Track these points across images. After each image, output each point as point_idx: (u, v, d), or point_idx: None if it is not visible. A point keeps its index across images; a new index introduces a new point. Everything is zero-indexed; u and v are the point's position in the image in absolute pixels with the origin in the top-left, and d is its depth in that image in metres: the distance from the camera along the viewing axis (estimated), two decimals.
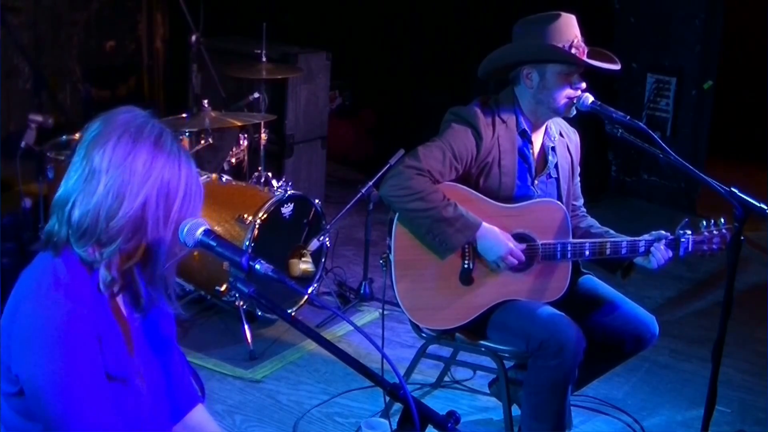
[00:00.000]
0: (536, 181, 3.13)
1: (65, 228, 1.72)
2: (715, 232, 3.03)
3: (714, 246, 3.03)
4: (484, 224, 2.96)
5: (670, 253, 3.01)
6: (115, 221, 1.70)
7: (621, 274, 3.16)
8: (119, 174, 1.70)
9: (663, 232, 3.04)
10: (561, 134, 3.20)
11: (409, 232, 3.02)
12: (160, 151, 1.74)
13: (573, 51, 2.95)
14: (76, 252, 1.74)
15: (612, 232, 3.16)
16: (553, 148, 3.16)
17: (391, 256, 3.05)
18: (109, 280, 1.78)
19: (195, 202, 1.80)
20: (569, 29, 2.98)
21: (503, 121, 3.05)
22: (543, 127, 3.14)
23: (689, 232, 3.03)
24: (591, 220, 3.28)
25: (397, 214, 3.03)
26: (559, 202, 3.11)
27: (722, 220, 3.03)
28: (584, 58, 2.97)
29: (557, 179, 3.16)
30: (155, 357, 1.90)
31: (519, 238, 3.03)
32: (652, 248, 3.00)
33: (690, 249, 3.02)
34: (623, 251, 3.03)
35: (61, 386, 1.66)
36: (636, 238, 3.04)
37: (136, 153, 1.72)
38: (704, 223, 3.05)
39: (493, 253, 2.98)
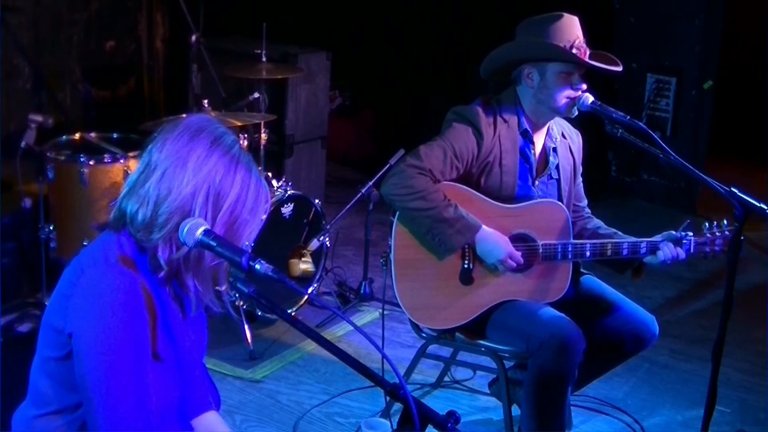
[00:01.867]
0: (537, 182, 3.13)
1: (122, 214, 1.79)
2: (717, 233, 3.02)
3: (716, 248, 3.02)
4: (484, 227, 2.96)
5: (681, 255, 3.00)
6: (164, 208, 1.75)
7: (631, 274, 3.15)
8: (171, 164, 1.77)
9: (673, 232, 3.03)
10: (563, 135, 3.20)
11: (409, 231, 3.02)
12: (216, 150, 1.79)
13: (574, 51, 2.95)
14: (133, 235, 1.79)
15: (620, 234, 3.15)
16: (554, 149, 3.16)
17: (392, 256, 3.05)
18: (159, 264, 1.80)
19: (252, 210, 1.82)
20: (571, 30, 2.98)
21: (505, 121, 3.05)
22: (545, 128, 3.14)
23: (691, 233, 3.03)
24: (598, 222, 3.27)
25: (397, 213, 3.03)
26: (560, 203, 3.10)
27: (725, 221, 3.03)
28: (585, 58, 2.97)
29: (558, 180, 3.15)
30: (175, 363, 1.91)
31: (520, 238, 3.03)
32: (661, 245, 2.99)
33: (692, 250, 3.02)
34: (624, 252, 3.03)
35: (103, 356, 1.70)
36: (640, 240, 3.04)
37: (192, 147, 1.78)
38: (707, 224, 3.04)
39: (492, 257, 2.98)
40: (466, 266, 3.03)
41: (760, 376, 4.03)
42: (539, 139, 3.14)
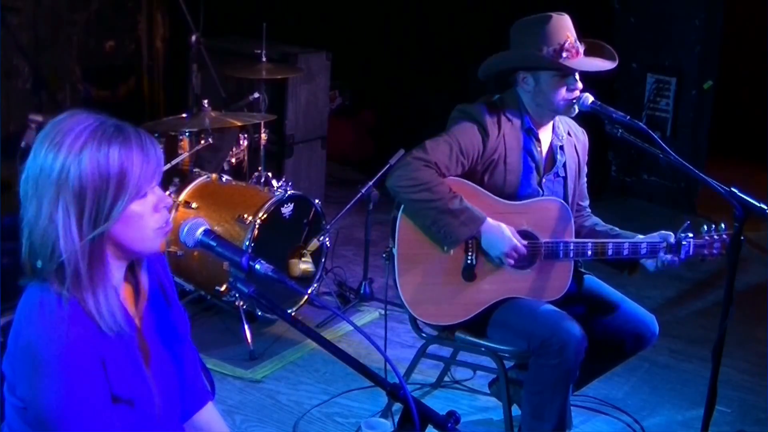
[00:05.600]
0: (543, 180, 3.13)
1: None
2: (715, 237, 3.04)
3: (714, 250, 3.04)
4: (489, 219, 2.97)
5: (675, 263, 3.01)
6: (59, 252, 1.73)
7: (627, 271, 3.16)
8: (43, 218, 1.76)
9: (668, 233, 3.04)
10: (569, 134, 3.21)
11: (413, 226, 3.03)
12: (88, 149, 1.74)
13: (564, 54, 2.95)
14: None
15: (617, 229, 3.17)
16: (561, 147, 3.17)
17: (395, 250, 3.05)
18: (110, 319, 1.70)
19: (137, 179, 1.75)
20: (561, 31, 2.98)
21: (509, 120, 3.06)
22: (550, 125, 3.15)
23: (691, 234, 3.04)
24: (595, 219, 3.29)
25: (402, 208, 3.03)
26: (562, 201, 3.12)
27: (723, 225, 3.05)
28: (577, 58, 2.98)
29: (564, 178, 3.17)
30: (169, 356, 1.89)
31: (522, 235, 3.04)
32: (658, 254, 3.01)
33: (691, 252, 3.04)
34: (625, 252, 3.04)
35: (63, 410, 1.63)
36: (639, 240, 3.05)
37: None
38: (705, 227, 3.06)
39: (497, 249, 2.98)
40: (469, 261, 3.04)
41: (760, 376, 4.03)
42: (546, 137, 3.15)
